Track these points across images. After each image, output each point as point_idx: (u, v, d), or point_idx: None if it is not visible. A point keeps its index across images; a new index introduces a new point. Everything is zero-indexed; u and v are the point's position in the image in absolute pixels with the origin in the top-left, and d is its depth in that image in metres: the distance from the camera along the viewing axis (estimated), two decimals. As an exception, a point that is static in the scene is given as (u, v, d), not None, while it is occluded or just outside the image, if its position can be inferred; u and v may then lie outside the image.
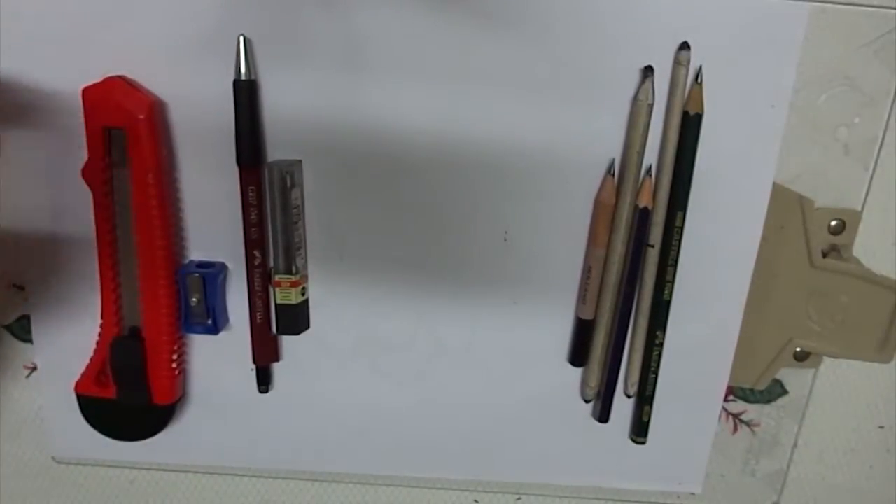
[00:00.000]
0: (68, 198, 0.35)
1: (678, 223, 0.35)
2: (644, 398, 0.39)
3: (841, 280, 0.37)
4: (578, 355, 0.39)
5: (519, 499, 0.44)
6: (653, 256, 0.36)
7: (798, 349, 0.39)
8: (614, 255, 0.36)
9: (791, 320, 0.38)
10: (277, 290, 0.36)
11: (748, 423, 0.42)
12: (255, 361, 0.39)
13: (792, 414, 0.41)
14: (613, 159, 0.35)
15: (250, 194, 0.35)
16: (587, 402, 0.40)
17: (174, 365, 0.37)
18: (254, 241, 0.35)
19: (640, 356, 0.38)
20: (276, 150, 0.35)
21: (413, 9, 0.33)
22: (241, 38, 0.33)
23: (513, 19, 0.33)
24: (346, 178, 0.36)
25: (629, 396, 0.39)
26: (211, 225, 0.36)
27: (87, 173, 0.34)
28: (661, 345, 0.38)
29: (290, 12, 0.33)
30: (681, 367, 0.39)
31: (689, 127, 0.34)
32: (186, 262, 0.37)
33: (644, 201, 0.35)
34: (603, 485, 0.43)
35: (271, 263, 0.36)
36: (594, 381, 0.39)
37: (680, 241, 0.36)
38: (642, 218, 0.35)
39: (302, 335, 0.38)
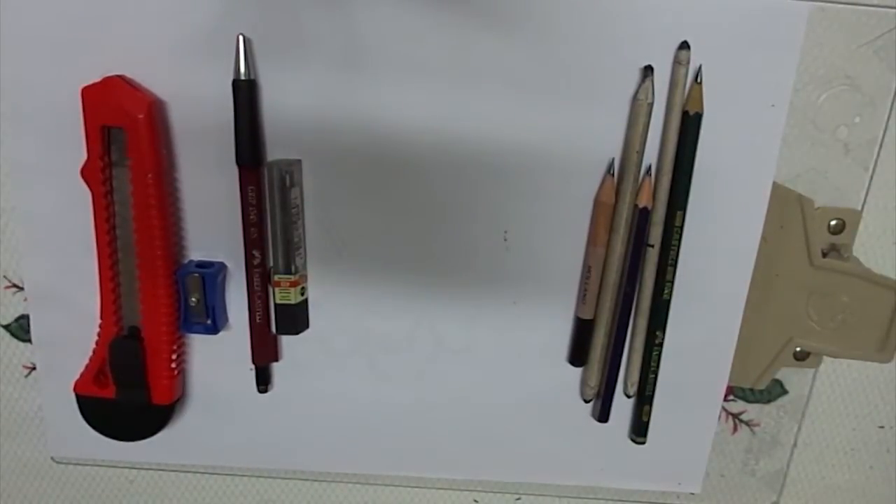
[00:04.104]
0: (68, 197, 0.35)
1: (678, 223, 0.35)
2: (644, 398, 0.39)
3: (841, 280, 0.37)
4: (578, 355, 0.39)
5: (519, 499, 0.44)
6: (652, 256, 0.36)
7: (798, 349, 0.39)
8: (614, 254, 0.36)
9: (791, 320, 0.38)
10: (277, 289, 0.36)
11: (748, 423, 0.42)
12: (254, 361, 0.39)
13: (792, 414, 0.41)
14: (613, 159, 0.35)
15: (250, 194, 0.34)
16: (587, 401, 0.40)
17: (173, 365, 0.37)
18: (253, 241, 0.35)
19: (639, 356, 0.38)
20: (275, 150, 0.35)
21: (413, 9, 0.33)
22: (241, 38, 0.33)
23: (513, 19, 0.33)
24: (346, 178, 0.36)
25: (629, 396, 0.39)
26: (210, 225, 0.36)
27: (86, 173, 0.34)
28: (661, 345, 0.38)
29: (290, 12, 0.33)
30: (681, 367, 0.39)
31: (689, 126, 0.34)
32: (186, 261, 0.37)
33: (644, 201, 0.35)
34: (603, 485, 0.43)
35: (270, 263, 0.36)
36: (594, 381, 0.39)
37: (680, 240, 0.36)
38: (642, 218, 0.35)
39: (301, 335, 0.38)
